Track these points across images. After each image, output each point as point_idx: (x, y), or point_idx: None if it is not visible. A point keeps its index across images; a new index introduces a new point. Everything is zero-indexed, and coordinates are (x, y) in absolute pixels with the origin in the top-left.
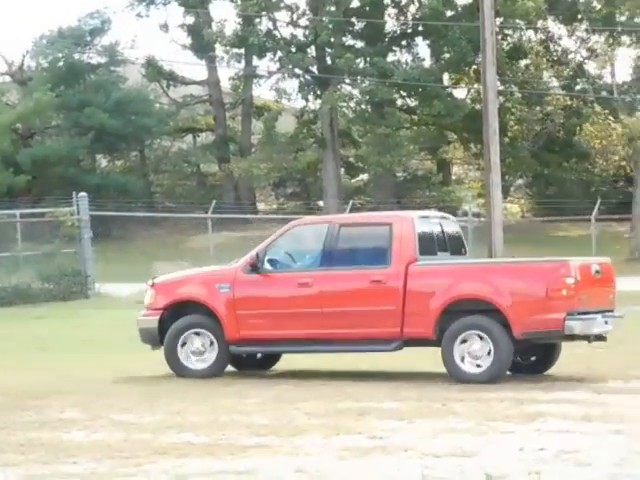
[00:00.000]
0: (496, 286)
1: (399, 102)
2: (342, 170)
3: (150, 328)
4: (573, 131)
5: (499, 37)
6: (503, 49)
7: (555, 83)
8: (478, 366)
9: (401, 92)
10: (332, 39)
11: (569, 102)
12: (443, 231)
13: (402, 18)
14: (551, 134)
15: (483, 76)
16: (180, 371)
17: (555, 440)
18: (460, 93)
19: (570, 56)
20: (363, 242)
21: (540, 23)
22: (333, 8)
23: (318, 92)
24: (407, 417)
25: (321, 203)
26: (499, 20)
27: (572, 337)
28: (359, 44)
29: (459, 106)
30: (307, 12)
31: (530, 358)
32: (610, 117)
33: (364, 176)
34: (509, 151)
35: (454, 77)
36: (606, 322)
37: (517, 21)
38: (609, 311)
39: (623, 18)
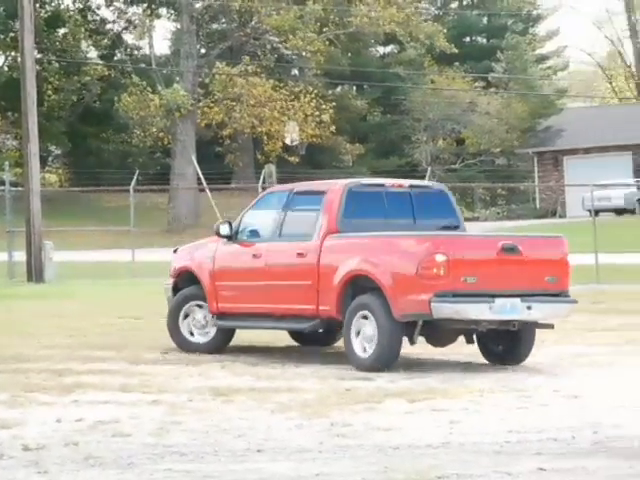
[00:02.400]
0: (379, 262)
1: None
2: None
3: (169, 296)
4: (111, 102)
5: (37, 5)
6: (41, 17)
7: (93, 53)
8: (366, 350)
9: None
10: None
11: (107, 72)
12: (412, 201)
13: None
14: (89, 104)
15: (21, 44)
16: (182, 344)
17: (94, 411)
18: None
19: (108, 26)
20: (305, 212)
21: None
22: None
23: None
24: None
25: None
26: None
27: (470, 322)
28: None
29: None
30: None
31: (508, 347)
32: (148, 88)
33: None
34: (45, 121)
35: None
36: (529, 307)
37: None
38: (553, 295)
39: None
